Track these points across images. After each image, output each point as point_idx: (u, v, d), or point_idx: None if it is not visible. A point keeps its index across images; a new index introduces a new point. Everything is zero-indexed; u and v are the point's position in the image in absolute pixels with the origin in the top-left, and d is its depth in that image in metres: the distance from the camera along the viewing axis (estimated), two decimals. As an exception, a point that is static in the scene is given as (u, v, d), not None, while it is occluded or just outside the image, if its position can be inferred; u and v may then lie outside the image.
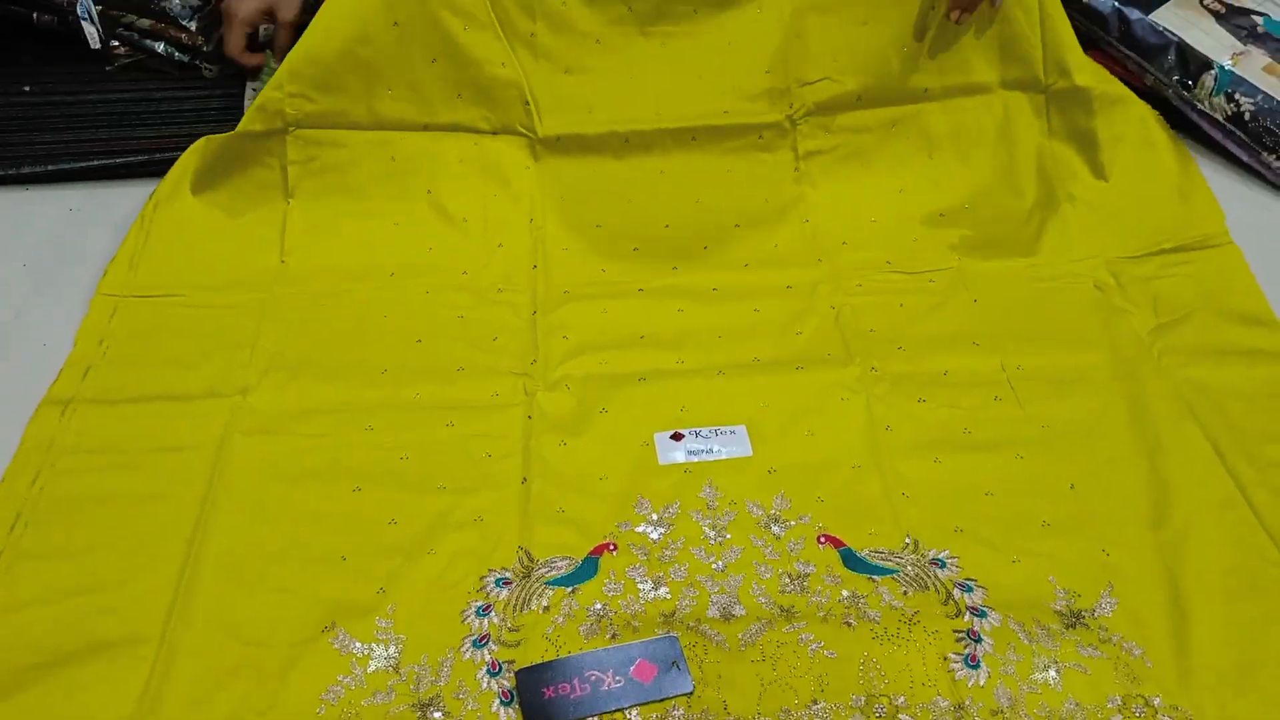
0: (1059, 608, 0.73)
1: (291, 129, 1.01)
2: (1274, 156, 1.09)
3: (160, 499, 0.80)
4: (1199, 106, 1.13)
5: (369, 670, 0.70)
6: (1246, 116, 1.10)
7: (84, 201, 1.09)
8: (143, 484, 0.81)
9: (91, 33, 1.19)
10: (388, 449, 0.84)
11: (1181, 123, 1.14)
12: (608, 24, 1.04)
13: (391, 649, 0.71)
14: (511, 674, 0.69)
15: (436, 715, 0.67)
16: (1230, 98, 1.10)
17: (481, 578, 0.75)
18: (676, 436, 0.85)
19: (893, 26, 1.04)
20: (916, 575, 0.75)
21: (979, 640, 0.71)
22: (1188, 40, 1.13)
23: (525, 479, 0.82)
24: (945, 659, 0.70)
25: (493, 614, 0.73)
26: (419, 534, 0.78)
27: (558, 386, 0.88)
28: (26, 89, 1.22)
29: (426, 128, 1.04)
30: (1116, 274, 0.98)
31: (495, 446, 0.84)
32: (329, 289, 0.96)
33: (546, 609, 0.73)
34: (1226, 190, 1.08)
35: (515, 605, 0.73)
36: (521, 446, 0.84)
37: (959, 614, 0.73)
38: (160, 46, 1.21)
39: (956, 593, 0.74)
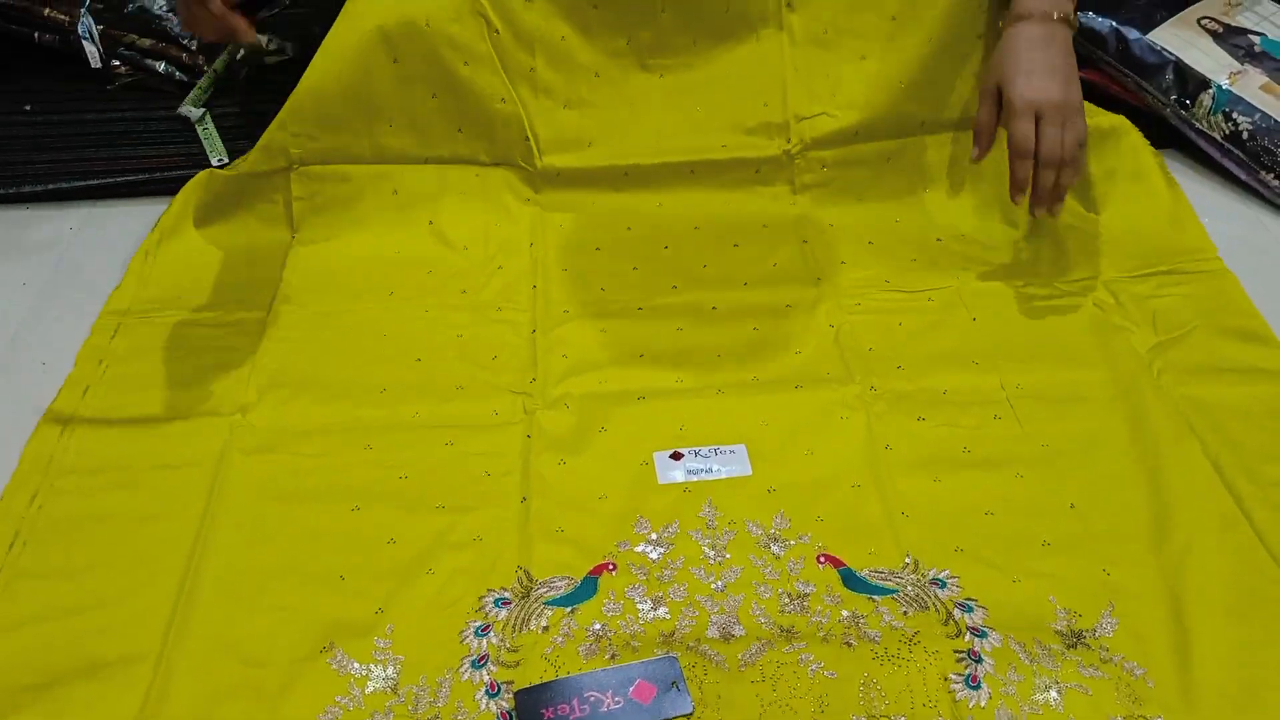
0: (1060, 628, 0.73)
1: (295, 166, 1.03)
2: (1272, 175, 1.09)
3: (158, 518, 0.80)
4: (1197, 125, 1.13)
5: (367, 691, 0.70)
6: (1244, 135, 1.10)
7: (84, 220, 1.10)
8: (141, 503, 0.81)
9: (92, 52, 1.20)
10: (387, 468, 0.84)
11: (1179, 141, 1.16)
12: (607, 57, 1.05)
13: (390, 669, 0.71)
14: (510, 695, 0.69)
15: (435, 737, 0.67)
16: (1228, 117, 1.11)
17: (480, 598, 0.75)
18: (676, 455, 0.85)
19: (890, 62, 1.06)
20: (916, 595, 0.75)
21: (979, 660, 0.71)
22: (1185, 60, 1.14)
23: (524, 498, 0.81)
24: (946, 679, 0.69)
25: (491, 634, 0.73)
26: (418, 554, 0.78)
27: (557, 405, 0.89)
28: (27, 108, 1.23)
29: (428, 161, 1.06)
30: (1115, 293, 0.98)
31: (494, 465, 0.84)
32: (329, 308, 0.97)
33: (545, 629, 0.73)
34: (1224, 209, 1.09)
35: (514, 625, 0.73)
36: (520, 465, 0.84)
37: (959, 634, 0.72)
38: (161, 66, 1.22)
39: (957, 613, 0.74)
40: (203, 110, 1.17)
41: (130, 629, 0.73)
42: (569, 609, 0.74)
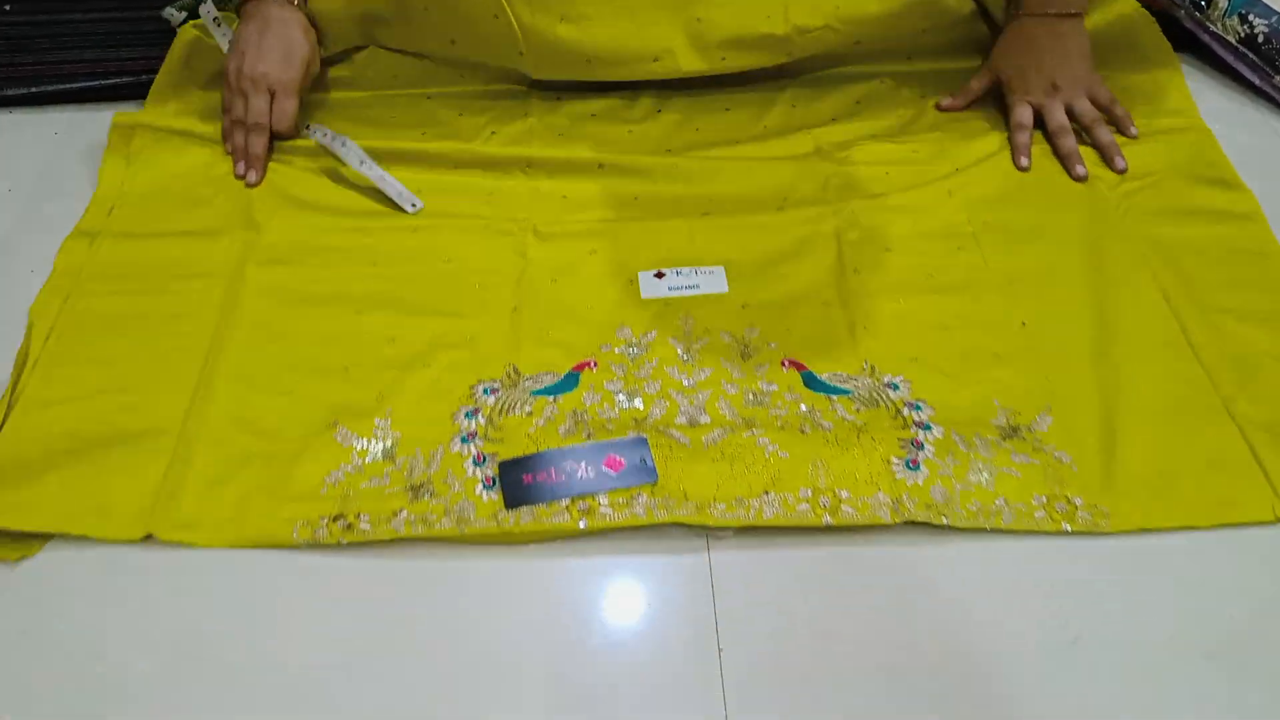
0: (999, 423, 0.80)
1: None
2: (1287, 79, 1.07)
3: (181, 318, 0.87)
4: (1211, 28, 1.12)
5: (367, 460, 0.77)
6: (1260, 39, 1.09)
7: (69, 125, 1.08)
8: (165, 305, 0.88)
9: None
10: (389, 280, 0.91)
11: (1193, 45, 1.14)
12: None
13: (388, 443, 0.78)
14: (495, 464, 0.76)
15: (426, 497, 0.75)
16: (1244, 19, 1.10)
17: (471, 387, 0.82)
18: (659, 274, 0.91)
19: None
20: (870, 395, 0.82)
21: (921, 448, 0.77)
22: (1201, -41, 1.11)
23: (516, 308, 0.88)
24: (888, 462, 0.76)
25: (480, 416, 0.80)
26: (416, 351, 0.85)
27: (552, 232, 0.95)
28: (8, 8, 1.20)
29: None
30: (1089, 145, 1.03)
31: (489, 280, 0.91)
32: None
33: (529, 413, 0.80)
34: (1236, 115, 1.09)
35: (501, 410, 0.80)
36: (514, 280, 0.91)
37: (906, 427, 0.79)
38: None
39: (906, 410, 0.80)
40: (184, 16, 1.15)
41: (155, 407, 0.80)
42: (552, 398, 0.81)
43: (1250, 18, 1.10)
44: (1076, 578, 0.71)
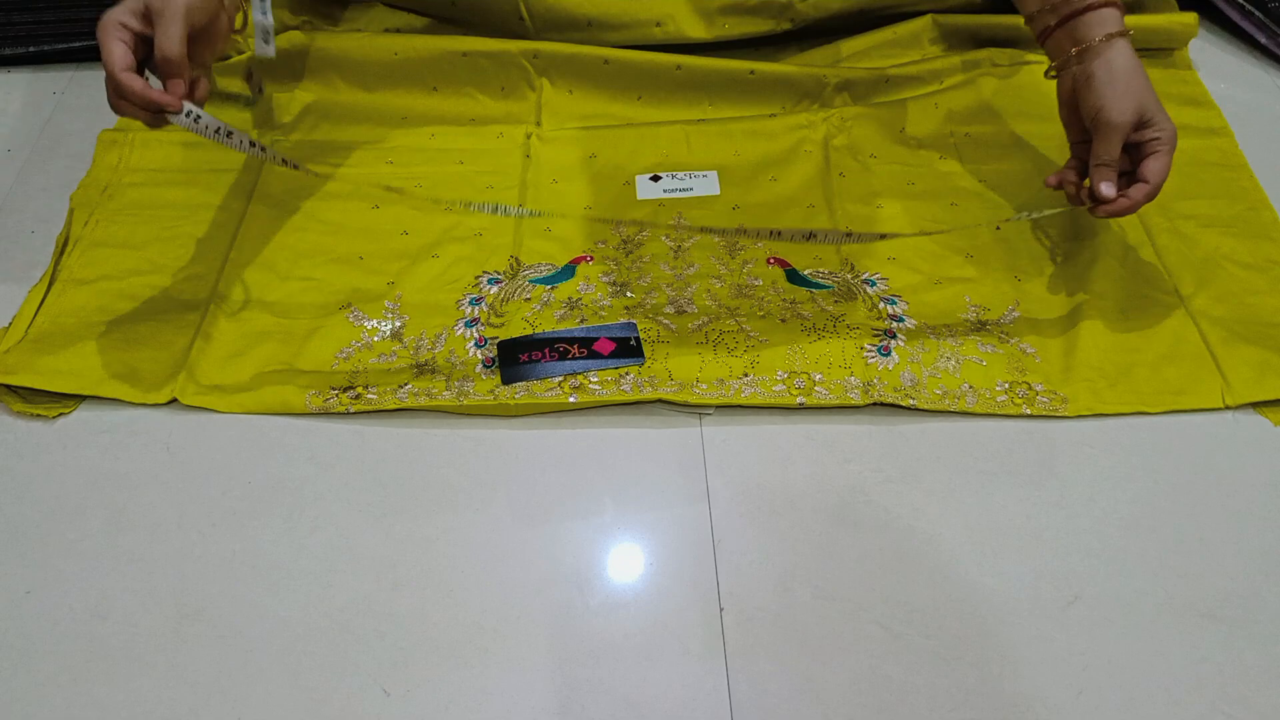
0: (968, 317, 0.85)
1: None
2: (1293, 37, 1.08)
3: (209, 207, 0.93)
4: None
5: (376, 339, 0.83)
6: None
7: (69, 84, 1.08)
8: (195, 195, 0.94)
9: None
10: (403, 179, 0.96)
11: (1200, 3, 1.12)
12: None
13: (397, 323, 0.84)
14: (494, 345, 0.82)
15: (430, 373, 0.81)
16: None
17: (476, 277, 0.88)
18: (655, 178, 0.97)
19: None
20: (848, 290, 0.87)
21: (894, 337, 0.83)
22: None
23: (521, 205, 0.94)
24: (861, 349, 0.82)
25: (483, 303, 0.86)
26: (426, 243, 0.91)
27: (556, 135, 1.00)
28: None
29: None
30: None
31: (497, 180, 0.97)
32: (353, 45, 1.04)
33: (528, 300, 0.86)
34: (1242, 74, 1.10)
35: (502, 297, 0.86)
36: (519, 181, 0.96)
37: (880, 319, 0.84)
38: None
39: (881, 304, 0.86)
40: None
41: (182, 287, 0.86)
42: (549, 286, 0.87)
43: (1258, -27, 1.09)
44: (1075, 535, 0.73)
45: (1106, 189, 0.80)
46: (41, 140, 1.02)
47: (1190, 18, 1.07)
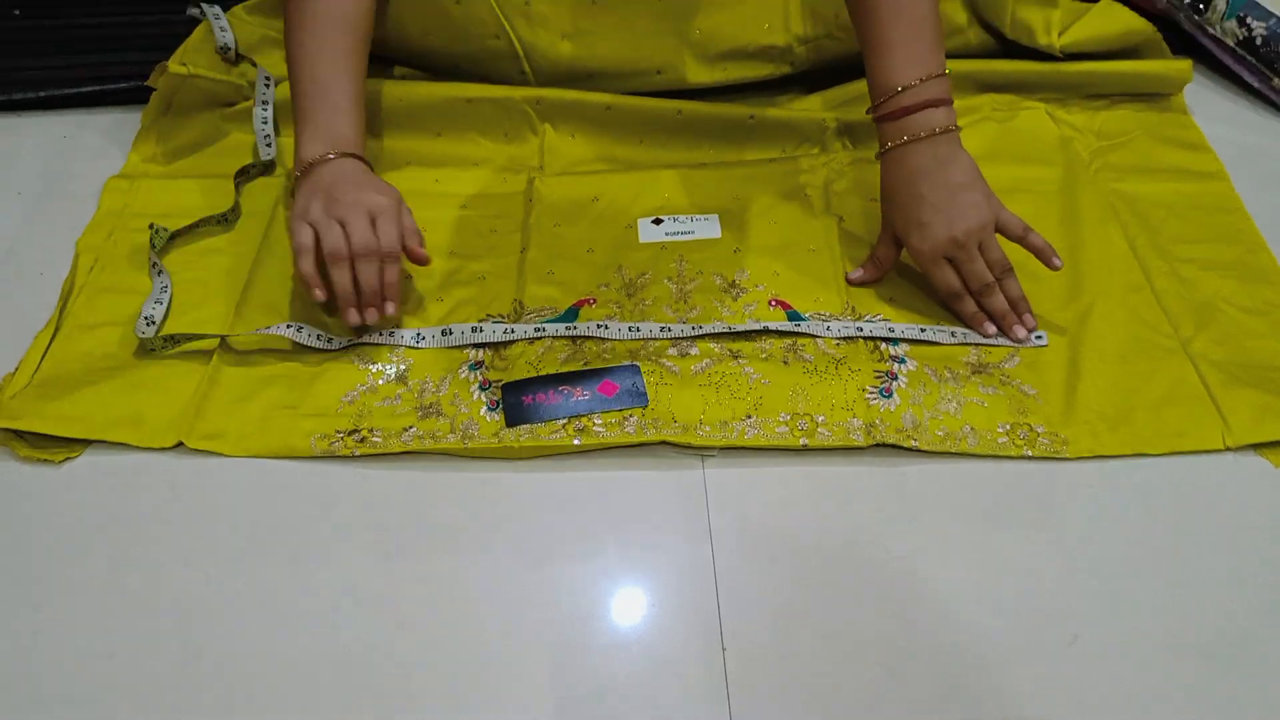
0: (970, 360, 0.85)
1: None
2: (1285, 81, 1.09)
3: (217, 252, 0.94)
4: (1210, 30, 1.13)
5: (381, 382, 0.84)
6: (1258, 41, 1.10)
7: (77, 128, 1.09)
8: (200, 242, 0.95)
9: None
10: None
11: (1192, 48, 1.15)
12: None
13: (402, 367, 0.85)
14: (498, 389, 0.83)
15: (434, 416, 0.81)
16: (1241, 21, 1.11)
17: (480, 320, 0.89)
18: (656, 221, 0.98)
19: None
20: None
21: (895, 379, 0.83)
22: (1199, -38, 1.11)
23: (524, 249, 0.95)
24: (863, 390, 0.82)
25: (487, 347, 0.86)
26: (431, 286, 0.92)
27: (559, 180, 1.01)
28: (16, 11, 1.19)
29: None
30: (1068, 107, 1.08)
31: (500, 225, 0.98)
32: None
33: (532, 343, 0.86)
34: (1238, 117, 1.11)
35: (507, 341, 0.87)
36: (522, 225, 0.97)
37: (882, 360, 0.85)
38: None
39: (883, 345, 0.86)
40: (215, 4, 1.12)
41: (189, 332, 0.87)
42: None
43: (1248, 20, 1.11)
44: (1075, 575, 0.73)
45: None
46: (50, 183, 1.03)
47: (1185, 64, 1.08)
